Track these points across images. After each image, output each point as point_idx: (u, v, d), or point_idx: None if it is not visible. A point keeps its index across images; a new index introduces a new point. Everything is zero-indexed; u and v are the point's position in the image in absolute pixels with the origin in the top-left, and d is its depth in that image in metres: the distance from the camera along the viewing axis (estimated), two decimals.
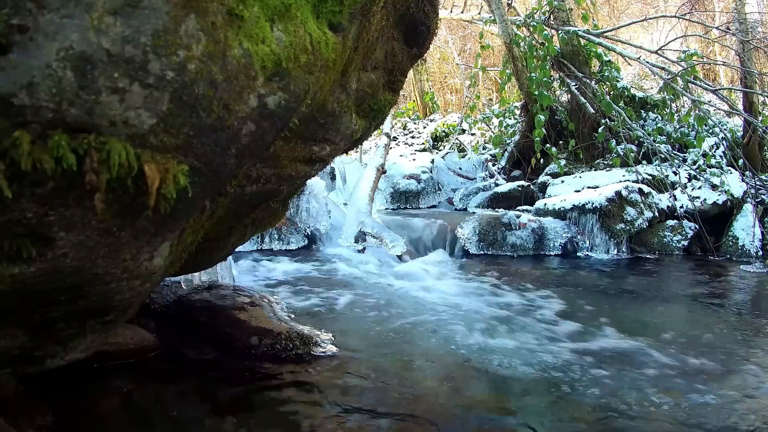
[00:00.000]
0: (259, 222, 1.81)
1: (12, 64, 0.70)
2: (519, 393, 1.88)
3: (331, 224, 4.55)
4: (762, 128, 5.68)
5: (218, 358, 2.05)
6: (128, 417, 1.60)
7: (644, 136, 5.72)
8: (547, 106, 5.91)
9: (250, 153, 1.03)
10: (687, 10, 8.50)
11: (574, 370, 2.09)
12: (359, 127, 1.64)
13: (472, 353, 2.22)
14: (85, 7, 0.72)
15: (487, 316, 2.78)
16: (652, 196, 5.06)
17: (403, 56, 1.73)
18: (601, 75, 6.64)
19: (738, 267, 4.41)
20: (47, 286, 0.92)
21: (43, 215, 0.80)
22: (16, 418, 1.35)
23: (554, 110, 6.60)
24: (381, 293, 3.14)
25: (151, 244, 1.02)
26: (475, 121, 8.33)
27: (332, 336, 2.30)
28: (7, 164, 0.72)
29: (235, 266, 3.19)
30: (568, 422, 1.70)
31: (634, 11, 12.48)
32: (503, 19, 6.26)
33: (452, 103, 13.48)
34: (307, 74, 1.03)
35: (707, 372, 2.12)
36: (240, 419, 1.60)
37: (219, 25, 0.83)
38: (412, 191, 6.70)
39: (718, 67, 9.82)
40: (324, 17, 1.10)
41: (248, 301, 2.40)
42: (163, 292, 2.47)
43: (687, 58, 5.76)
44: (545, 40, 6.19)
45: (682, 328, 2.68)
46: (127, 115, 0.78)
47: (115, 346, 1.89)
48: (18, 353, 1.08)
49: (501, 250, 4.59)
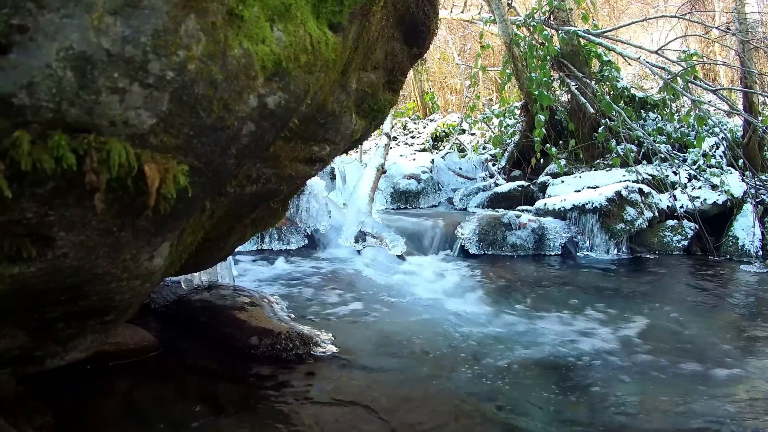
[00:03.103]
0: (259, 222, 1.81)
1: (12, 64, 0.70)
2: (519, 393, 1.88)
3: (331, 224, 4.54)
4: (762, 128, 5.68)
5: (218, 358, 2.06)
6: (128, 417, 1.60)
7: (644, 136, 5.72)
8: (547, 106, 5.90)
9: (250, 153, 1.03)
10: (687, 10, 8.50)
11: (574, 370, 2.09)
12: (359, 127, 1.64)
13: (472, 353, 2.22)
14: (85, 7, 0.72)
15: (487, 316, 2.78)
16: (652, 196, 5.06)
17: (403, 56, 1.73)
18: (601, 75, 6.64)
19: (738, 267, 4.41)
20: (47, 286, 0.92)
21: (43, 215, 0.80)
22: (16, 418, 1.35)
23: (554, 110, 6.60)
24: (381, 293, 3.14)
25: (151, 244, 1.02)
26: (475, 121, 8.33)
27: (332, 336, 2.30)
28: (7, 164, 0.72)
29: (235, 266, 3.19)
30: (566, 422, 1.70)
31: (634, 11, 12.47)
32: (503, 19, 6.26)
33: (452, 103, 13.48)
34: (307, 74, 1.03)
35: (707, 372, 2.12)
36: (240, 419, 1.60)
37: (219, 25, 0.83)
38: (412, 191, 6.70)
39: (718, 67, 9.82)
40: (324, 17, 1.10)
41: (248, 301, 2.40)
42: (163, 292, 2.48)
43: (687, 58, 5.75)
44: (545, 40, 6.19)
45: (682, 328, 2.68)
46: (127, 115, 0.78)
47: (115, 346, 1.89)
48: (18, 353, 1.08)
49: (501, 250, 4.59)
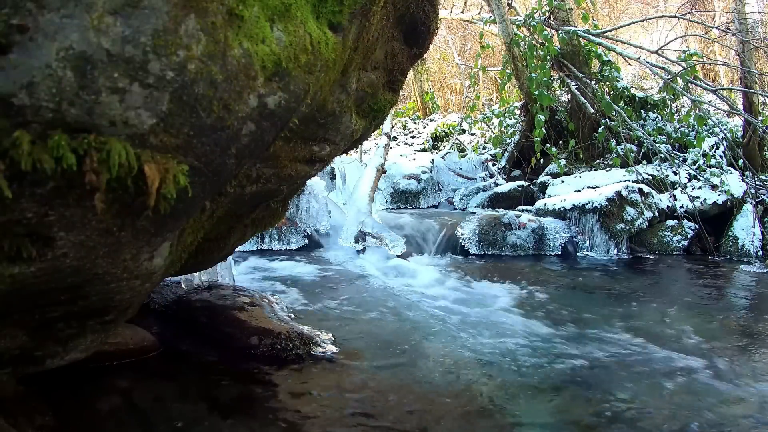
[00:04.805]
0: (259, 222, 1.81)
1: (12, 64, 0.70)
2: (519, 393, 1.88)
3: (331, 224, 4.55)
4: (762, 128, 5.68)
5: (218, 358, 2.06)
6: (128, 417, 1.60)
7: (644, 136, 5.72)
8: (547, 106, 5.91)
9: (250, 153, 1.03)
10: (687, 10, 8.50)
11: (573, 370, 2.09)
12: (359, 127, 1.64)
13: (472, 353, 2.22)
14: (85, 7, 0.72)
15: (487, 316, 2.78)
16: (652, 196, 5.06)
17: (403, 56, 1.73)
18: (601, 75, 6.64)
19: (738, 267, 4.41)
20: (47, 286, 0.92)
21: (43, 215, 0.80)
22: (16, 418, 1.35)
23: (554, 110, 6.60)
24: (381, 293, 3.14)
25: (151, 244, 1.02)
26: (475, 121, 8.33)
27: (332, 336, 2.30)
28: (7, 164, 0.72)
29: (235, 266, 3.19)
30: (566, 422, 1.70)
31: (634, 11, 12.48)
32: (503, 19, 6.26)
33: (452, 103, 13.48)
34: (307, 74, 1.03)
35: (707, 372, 2.12)
36: (240, 419, 1.60)
37: (219, 25, 0.83)
38: (412, 191, 6.70)
39: (718, 67, 9.82)
40: (324, 17, 1.10)
41: (248, 301, 2.40)
42: (163, 292, 2.47)
43: (687, 58, 5.75)
44: (545, 40, 6.19)
45: (681, 329, 2.68)
46: (127, 115, 0.78)
47: (115, 346, 1.89)
48: (18, 353, 1.08)
49: (501, 250, 4.59)
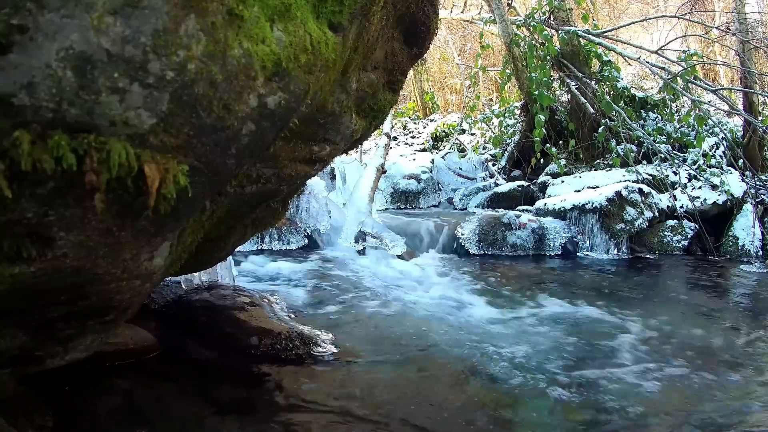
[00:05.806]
0: (259, 222, 1.81)
1: (12, 64, 0.70)
2: (519, 393, 1.88)
3: (331, 224, 4.54)
4: (762, 128, 5.68)
5: (218, 358, 2.05)
6: (128, 417, 1.60)
7: (644, 136, 5.72)
8: (547, 106, 5.91)
9: (250, 153, 1.02)
10: (687, 10, 8.49)
11: (575, 370, 2.09)
12: (359, 127, 1.64)
13: (471, 353, 2.22)
14: (85, 7, 0.72)
15: (487, 316, 2.78)
16: (652, 196, 5.05)
17: (403, 56, 1.73)
18: (601, 75, 6.64)
19: (738, 267, 4.41)
20: (47, 286, 0.92)
21: (43, 215, 0.80)
22: (16, 418, 1.35)
23: (554, 110, 6.60)
24: (381, 293, 3.14)
25: (151, 244, 1.02)
26: (475, 121, 8.33)
27: (332, 336, 2.30)
28: (7, 164, 0.72)
29: (235, 266, 3.19)
30: (569, 421, 1.70)
31: (634, 11, 12.47)
32: (503, 19, 6.26)
33: (452, 103, 13.48)
34: (307, 74, 1.03)
35: (707, 372, 2.12)
36: (240, 419, 1.60)
37: (219, 25, 0.83)
38: (412, 191, 6.70)
39: (718, 67, 9.82)
40: (324, 17, 1.10)
41: (248, 301, 2.40)
42: (163, 292, 2.47)
43: (687, 58, 5.76)
44: (545, 40, 6.19)
45: (681, 328, 2.68)
46: (127, 115, 0.78)
47: (115, 346, 1.89)
48: (18, 353, 1.08)
49: (501, 250, 4.59)
